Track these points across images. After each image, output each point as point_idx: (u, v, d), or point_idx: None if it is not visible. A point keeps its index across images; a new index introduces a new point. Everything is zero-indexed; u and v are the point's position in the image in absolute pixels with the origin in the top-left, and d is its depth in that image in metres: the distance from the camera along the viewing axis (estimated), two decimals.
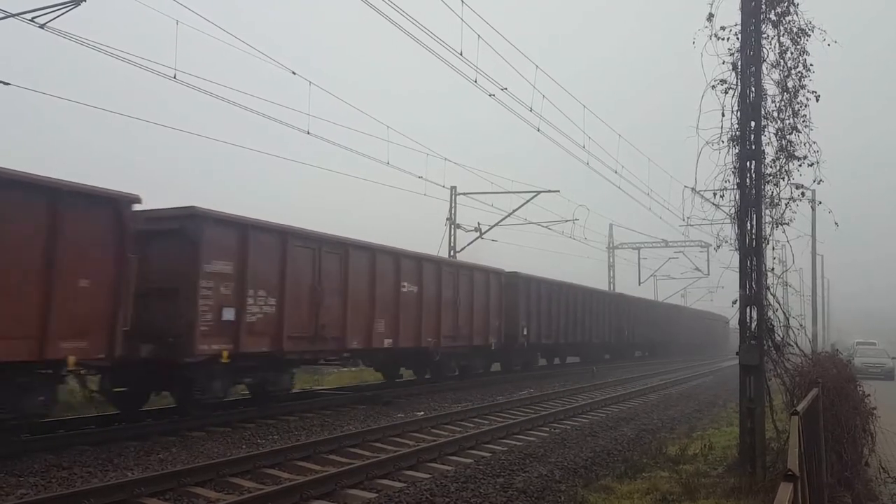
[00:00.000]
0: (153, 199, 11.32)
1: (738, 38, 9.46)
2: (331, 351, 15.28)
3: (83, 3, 12.06)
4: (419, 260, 18.47)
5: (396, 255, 17.39)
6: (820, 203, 11.39)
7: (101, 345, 10.07)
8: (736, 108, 9.43)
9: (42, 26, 11.93)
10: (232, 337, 12.26)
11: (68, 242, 9.61)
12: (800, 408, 5.43)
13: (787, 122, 9.50)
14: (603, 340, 33.67)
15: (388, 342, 16.70)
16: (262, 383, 13.70)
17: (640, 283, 52.00)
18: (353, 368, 20.78)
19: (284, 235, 13.60)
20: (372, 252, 16.38)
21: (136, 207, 10.69)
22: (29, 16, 11.91)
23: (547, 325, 26.83)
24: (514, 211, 29.96)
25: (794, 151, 9.51)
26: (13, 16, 11.86)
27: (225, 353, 12.06)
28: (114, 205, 10.33)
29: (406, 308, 17.48)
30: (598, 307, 32.89)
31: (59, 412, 11.83)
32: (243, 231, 12.64)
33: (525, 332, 24.67)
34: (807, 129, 9.51)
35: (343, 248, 15.29)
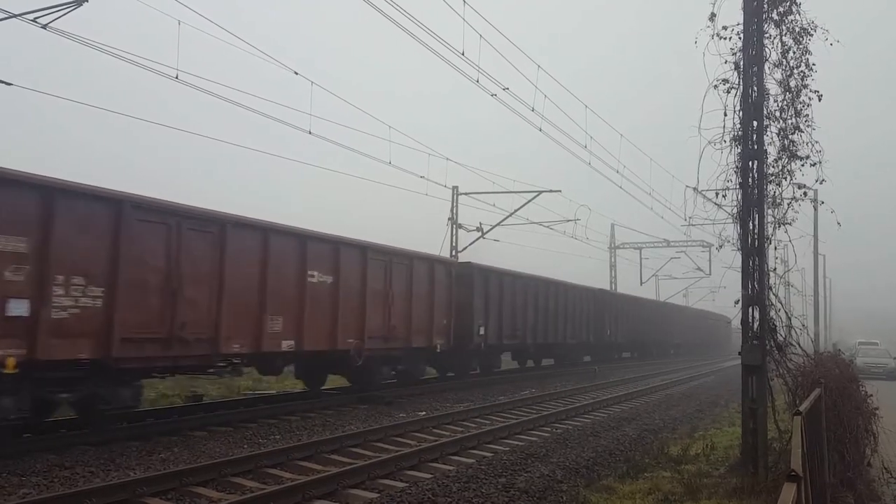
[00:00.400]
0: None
1: (740, 38, 9.45)
2: (197, 357, 11.91)
3: (85, 4, 12.06)
4: (336, 244, 15.23)
5: (302, 238, 14.23)
6: (822, 203, 11.40)
7: None
8: (738, 107, 9.42)
9: (44, 27, 11.94)
10: (24, 339, 9.26)
11: None
12: (803, 408, 5.42)
13: (790, 121, 9.50)
14: (581, 340, 30.92)
15: (287, 344, 13.63)
16: (89, 400, 10.56)
17: (641, 283, 51.98)
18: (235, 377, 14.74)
19: (120, 205, 10.53)
20: (262, 232, 13.21)
21: None
22: (31, 16, 11.92)
23: (511, 324, 23.81)
24: (516, 211, 29.94)
25: (796, 151, 9.51)
26: (15, 16, 11.86)
27: (11, 361, 9.05)
28: None
29: (316, 303, 14.34)
30: (575, 304, 30.12)
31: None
32: (48, 196, 9.58)
33: (482, 332, 21.51)
34: (809, 129, 9.51)
35: (217, 225, 12.17)
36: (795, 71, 9.49)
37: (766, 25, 9.47)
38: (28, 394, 9.56)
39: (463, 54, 14.43)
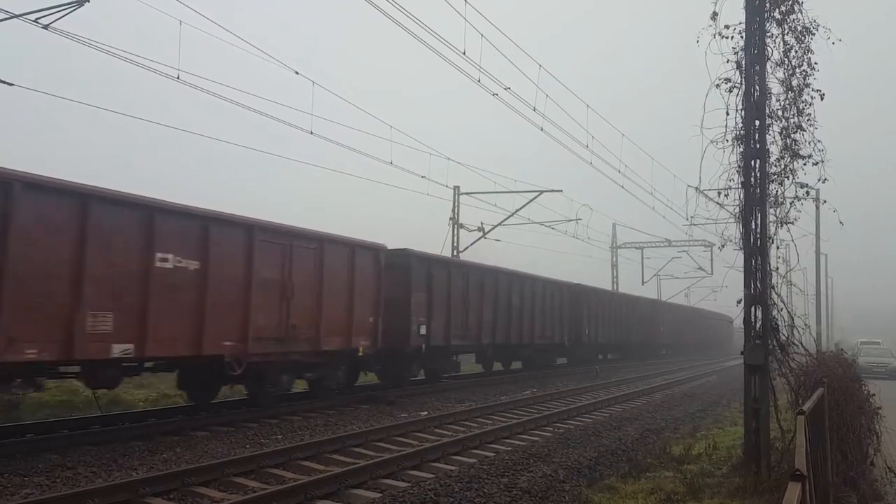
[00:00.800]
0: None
1: (742, 37, 9.43)
2: None
3: (86, 4, 12.07)
4: (204, 220, 11.97)
5: (148, 211, 10.95)
6: (825, 202, 11.37)
7: None
8: (740, 106, 9.40)
9: (46, 27, 11.95)
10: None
11: None
12: (806, 407, 5.41)
13: (792, 120, 9.48)
14: (553, 341, 27.80)
15: (120, 349, 10.41)
16: None
17: (643, 283, 52.00)
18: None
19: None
20: (81, 199, 9.97)
21: None
22: (33, 16, 11.93)
23: (462, 322, 20.46)
24: (518, 210, 29.95)
25: (798, 150, 9.50)
26: (17, 16, 11.87)
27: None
28: None
29: (168, 294, 11.14)
30: (545, 299, 26.83)
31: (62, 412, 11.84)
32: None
33: (423, 332, 18.42)
34: (811, 128, 9.50)
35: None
36: (797, 70, 9.48)
37: (768, 24, 9.45)
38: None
39: (464, 54, 14.43)
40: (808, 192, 9.76)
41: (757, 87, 9.31)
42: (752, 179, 9.31)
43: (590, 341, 31.81)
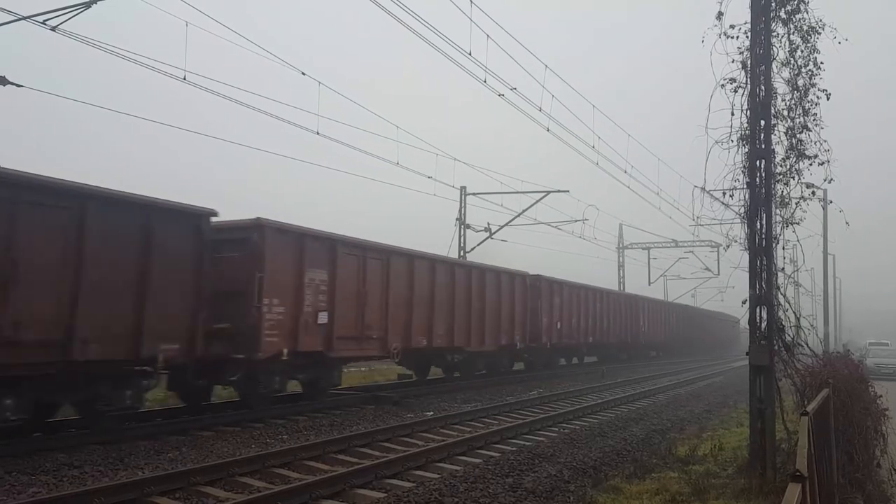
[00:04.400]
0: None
1: (747, 37, 9.41)
2: None
3: (94, 6, 12.13)
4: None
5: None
6: (831, 202, 11.34)
7: None
8: (746, 106, 9.39)
9: (53, 29, 12.01)
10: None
11: None
12: (810, 408, 5.40)
13: (798, 120, 9.47)
14: (483, 344, 21.21)
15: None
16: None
17: (650, 284, 51.89)
18: None
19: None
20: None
21: None
22: (40, 18, 11.99)
23: (353, 319, 15.44)
24: (524, 211, 29.90)
25: (804, 150, 9.47)
26: (24, 18, 11.93)
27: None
28: None
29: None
30: (479, 293, 20.78)
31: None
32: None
33: (272, 336, 13.14)
34: (817, 128, 9.47)
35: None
36: (803, 69, 9.46)
37: (773, 24, 9.44)
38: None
39: (470, 54, 14.44)
40: (813, 193, 9.73)
41: (762, 87, 9.30)
42: (758, 180, 9.30)
43: (549, 345, 26.11)
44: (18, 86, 12.58)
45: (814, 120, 9.44)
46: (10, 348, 9.11)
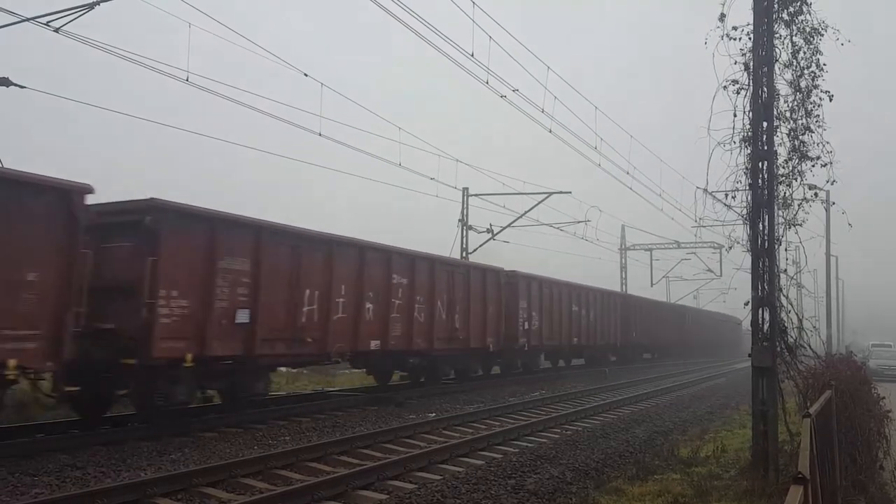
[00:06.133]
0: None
1: (750, 38, 9.41)
2: None
3: (97, 7, 12.16)
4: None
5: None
6: (834, 204, 11.33)
7: None
8: (748, 108, 9.39)
9: (57, 30, 12.04)
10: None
11: None
12: (812, 410, 5.39)
13: (800, 122, 9.47)
14: (449, 346, 19.32)
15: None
16: None
17: (652, 285, 51.84)
18: None
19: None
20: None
21: None
22: (44, 20, 12.02)
23: (284, 318, 13.49)
24: (527, 212, 29.89)
25: (806, 152, 9.47)
26: (28, 20, 11.97)
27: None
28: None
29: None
30: (446, 289, 19.08)
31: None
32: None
33: (170, 338, 11.10)
34: (820, 130, 9.47)
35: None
36: (806, 71, 9.47)
37: (776, 25, 9.43)
38: None
39: (472, 55, 14.45)
40: (816, 194, 9.73)
41: (765, 89, 9.29)
42: (760, 181, 9.29)
43: (492, 350, 22.27)
44: (22, 87, 12.63)
45: (816, 121, 9.44)
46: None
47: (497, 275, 22.17)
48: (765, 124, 9.35)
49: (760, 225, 9.27)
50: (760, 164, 9.34)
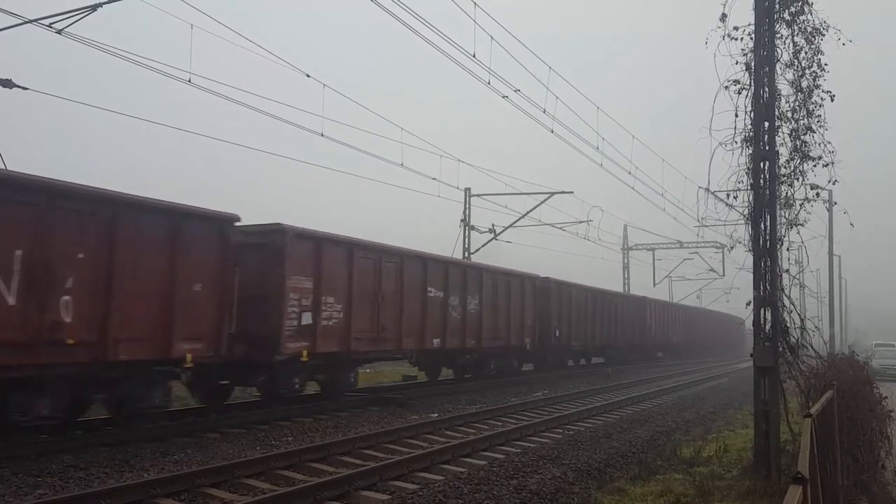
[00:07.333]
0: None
1: (751, 38, 9.41)
2: None
3: (98, 10, 12.18)
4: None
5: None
6: (836, 203, 11.33)
7: None
8: (749, 108, 9.39)
9: (59, 32, 12.07)
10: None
11: None
12: (813, 410, 5.40)
13: (802, 122, 9.47)
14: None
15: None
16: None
17: (654, 285, 51.80)
18: None
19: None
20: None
21: None
22: (46, 21, 12.05)
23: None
24: (529, 212, 29.88)
25: (808, 152, 9.48)
26: (30, 22, 12.00)
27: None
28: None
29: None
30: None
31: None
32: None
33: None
34: (821, 130, 9.46)
35: None
36: (807, 71, 9.47)
37: (777, 25, 9.43)
38: None
39: (474, 56, 14.46)
40: (818, 194, 9.72)
41: (766, 89, 9.29)
42: (762, 181, 9.29)
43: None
44: (24, 88, 12.66)
45: (818, 121, 9.44)
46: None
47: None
48: (766, 124, 9.35)
49: (762, 225, 9.27)
50: (762, 164, 9.34)
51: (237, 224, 12.48)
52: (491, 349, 21.86)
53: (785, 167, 9.50)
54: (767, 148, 9.32)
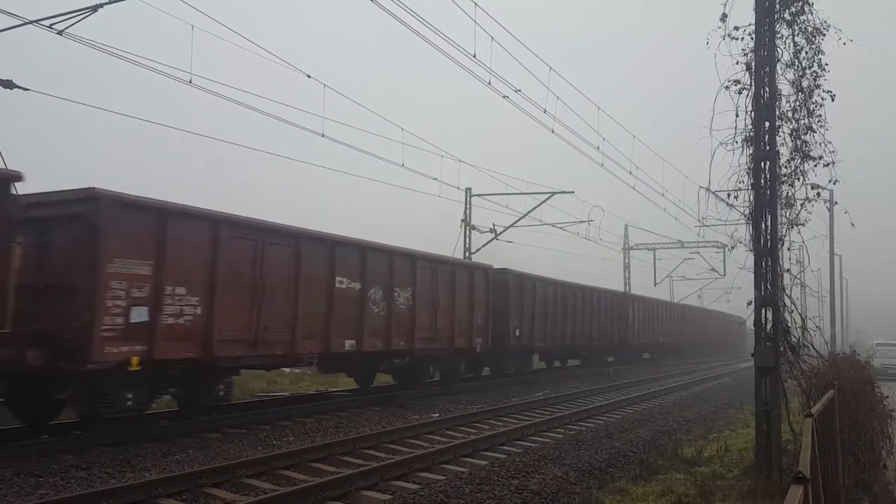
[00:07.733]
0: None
1: (752, 38, 9.42)
2: None
3: (99, 10, 12.19)
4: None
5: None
6: (836, 203, 11.34)
7: None
8: (750, 108, 9.40)
9: (60, 33, 12.07)
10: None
11: None
12: (814, 410, 5.40)
13: (802, 122, 9.47)
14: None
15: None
16: None
17: (655, 284, 51.75)
18: None
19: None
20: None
21: None
22: (47, 22, 12.05)
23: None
24: (529, 212, 29.84)
25: (809, 152, 9.48)
26: (31, 22, 12.00)
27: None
28: None
29: None
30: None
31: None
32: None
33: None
34: (822, 129, 9.47)
35: None
36: (808, 71, 9.47)
37: (778, 25, 9.43)
38: None
39: (475, 56, 14.46)
40: (818, 194, 9.73)
41: (766, 89, 9.30)
42: (762, 181, 9.30)
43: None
44: (25, 89, 12.66)
45: (819, 121, 9.45)
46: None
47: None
48: (767, 124, 9.35)
49: (763, 225, 9.28)
50: (763, 163, 9.35)
51: (22, 186, 9.13)
52: (428, 352, 18.08)
53: (785, 167, 9.52)
54: (768, 148, 9.32)
